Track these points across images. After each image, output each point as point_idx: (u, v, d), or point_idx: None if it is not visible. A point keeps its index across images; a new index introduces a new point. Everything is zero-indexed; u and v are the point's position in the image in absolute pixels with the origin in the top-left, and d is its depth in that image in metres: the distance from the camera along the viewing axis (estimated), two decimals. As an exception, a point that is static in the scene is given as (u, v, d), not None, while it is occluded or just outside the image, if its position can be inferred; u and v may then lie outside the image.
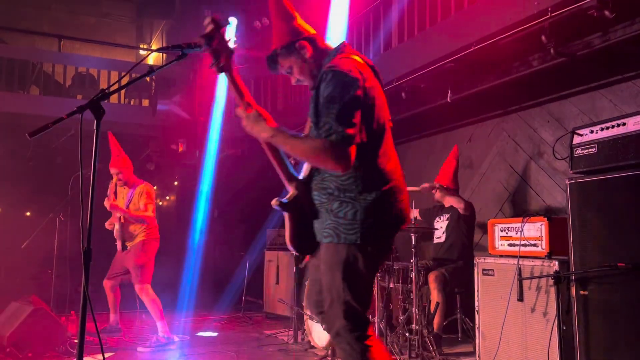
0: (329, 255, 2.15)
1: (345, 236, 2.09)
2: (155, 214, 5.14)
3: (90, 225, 2.02)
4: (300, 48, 2.20)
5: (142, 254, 4.94)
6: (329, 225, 2.13)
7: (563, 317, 3.10)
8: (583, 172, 3.11)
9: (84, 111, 2.02)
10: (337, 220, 2.10)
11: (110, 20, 12.58)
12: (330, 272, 2.13)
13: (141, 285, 4.87)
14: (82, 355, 1.98)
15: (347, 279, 2.08)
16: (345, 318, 2.07)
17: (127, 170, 5.16)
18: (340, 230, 2.10)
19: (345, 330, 2.07)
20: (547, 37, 3.77)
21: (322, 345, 4.62)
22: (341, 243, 2.10)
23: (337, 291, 2.09)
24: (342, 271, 2.09)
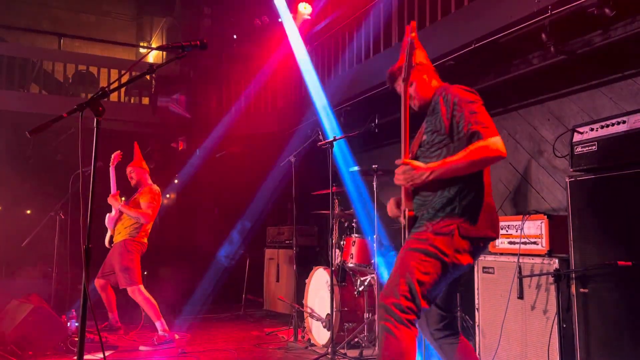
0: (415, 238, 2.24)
1: (442, 226, 2.20)
2: (152, 219, 5.14)
3: (90, 224, 2.03)
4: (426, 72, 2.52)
5: (126, 254, 4.92)
6: (426, 217, 2.27)
7: (563, 315, 3.10)
8: (583, 170, 3.11)
9: (84, 109, 2.03)
10: (435, 213, 2.25)
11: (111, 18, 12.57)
12: (411, 253, 2.20)
13: (132, 287, 4.85)
14: (82, 353, 1.98)
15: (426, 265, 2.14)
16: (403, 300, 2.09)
17: (140, 170, 5.23)
18: (437, 220, 2.23)
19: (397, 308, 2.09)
20: (548, 35, 3.77)
21: (322, 343, 4.63)
22: (437, 233, 2.19)
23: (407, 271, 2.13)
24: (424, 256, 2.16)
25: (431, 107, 2.45)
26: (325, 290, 4.64)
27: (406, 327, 2.07)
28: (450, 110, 2.29)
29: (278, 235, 7.01)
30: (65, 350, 4.38)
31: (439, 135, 2.32)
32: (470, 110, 2.25)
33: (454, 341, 2.33)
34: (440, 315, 2.36)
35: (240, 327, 5.98)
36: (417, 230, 2.28)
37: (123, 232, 5.03)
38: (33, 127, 1.99)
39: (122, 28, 12.79)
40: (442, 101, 2.35)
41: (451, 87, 2.38)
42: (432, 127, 2.38)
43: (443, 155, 2.29)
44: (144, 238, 5.08)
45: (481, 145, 2.17)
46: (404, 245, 2.28)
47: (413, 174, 2.23)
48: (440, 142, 2.32)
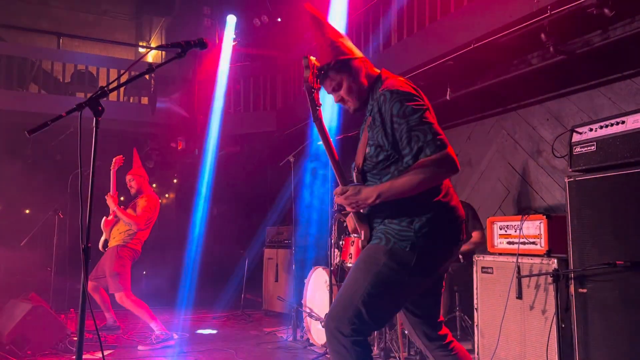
0: (367, 254, 2.06)
1: (395, 240, 2.01)
2: (149, 227, 5.12)
3: (89, 223, 2.02)
4: (357, 68, 2.14)
5: (117, 260, 4.90)
6: (381, 230, 2.07)
7: (562, 315, 3.11)
8: (582, 170, 3.11)
9: (83, 109, 2.02)
10: (390, 226, 2.04)
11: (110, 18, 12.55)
12: (362, 271, 2.02)
13: (119, 294, 4.83)
14: (81, 353, 1.98)
15: (376, 287, 1.98)
16: (351, 323, 1.96)
17: (139, 179, 5.24)
18: (391, 234, 2.02)
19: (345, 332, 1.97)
20: (547, 35, 3.77)
21: (321, 343, 4.63)
22: (388, 246, 2.01)
23: (357, 294, 1.97)
24: (375, 275, 1.98)
25: (369, 111, 2.14)
26: (324, 290, 4.64)
27: (357, 349, 1.95)
28: (389, 122, 2.00)
29: (277, 235, 7.01)
30: (63, 349, 4.37)
31: (383, 151, 2.05)
32: (412, 122, 1.95)
33: (449, 353, 2.20)
34: (428, 326, 2.23)
35: (239, 326, 5.98)
36: (371, 243, 2.09)
37: (117, 238, 5.03)
38: (32, 127, 1.99)
39: (121, 27, 12.78)
40: (379, 110, 2.04)
41: (389, 89, 2.03)
42: (373, 141, 2.08)
43: (391, 172, 2.05)
44: (137, 245, 5.07)
45: (430, 162, 1.92)
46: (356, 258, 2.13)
47: (358, 198, 2.02)
48: (386, 159, 2.06)
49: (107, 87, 2.11)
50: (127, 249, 4.98)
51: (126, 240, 5.00)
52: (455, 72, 4.72)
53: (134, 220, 4.97)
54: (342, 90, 2.16)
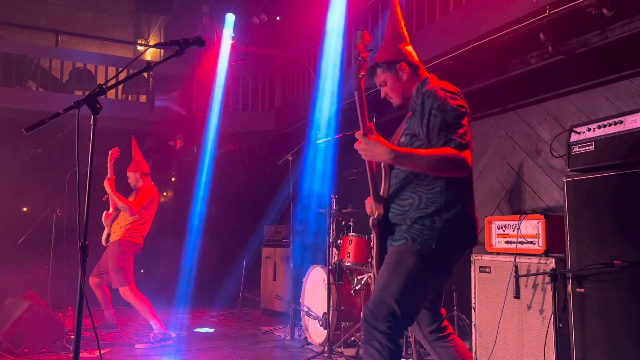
0: (396, 255, 2.19)
1: (420, 240, 2.15)
2: (149, 220, 5.12)
3: (87, 221, 2.02)
4: (400, 69, 2.35)
5: (120, 255, 4.91)
6: (405, 230, 2.20)
7: (559, 315, 3.11)
8: (580, 170, 3.11)
9: (80, 107, 2.02)
10: (413, 226, 2.18)
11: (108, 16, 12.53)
12: (394, 271, 2.15)
13: (123, 288, 4.84)
14: (78, 351, 1.98)
15: (407, 286, 2.11)
16: (387, 321, 2.08)
17: (132, 178, 5.25)
18: (416, 234, 2.16)
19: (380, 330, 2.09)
20: (545, 35, 3.77)
21: (318, 342, 4.63)
22: (414, 245, 2.15)
23: (391, 294, 2.10)
24: (405, 275, 2.12)
25: (411, 108, 2.33)
26: (322, 289, 4.64)
27: (391, 347, 2.08)
28: (427, 113, 2.18)
29: (275, 233, 7.00)
30: (61, 347, 4.37)
31: (417, 141, 2.24)
32: (449, 118, 2.15)
33: (447, 344, 2.31)
34: (431, 317, 2.35)
35: (237, 325, 5.98)
36: (397, 244, 2.23)
37: (118, 232, 5.03)
38: (30, 124, 1.99)
39: (119, 25, 12.75)
40: (422, 103, 2.23)
41: (434, 88, 2.24)
42: (410, 130, 2.29)
43: None
44: (139, 239, 5.06)
45: (450, 153, 2.10)
46: (386, 259, 2.24)
47: (375, 149, 2.14)
48: (420, 147, 2.22)
49: (105, 84, 2.11)
50: (128, 243, 4.98)
51: (127, 234, 5.00)
52: (454, 71, 4.72)
53: (128, 204, 4.95)
54: (387, 86, 2.39)
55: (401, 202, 2.25)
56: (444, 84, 2.28)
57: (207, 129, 7.96)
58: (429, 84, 2.30)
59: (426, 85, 2.30)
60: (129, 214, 4.98)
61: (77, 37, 10.62)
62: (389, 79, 2.37)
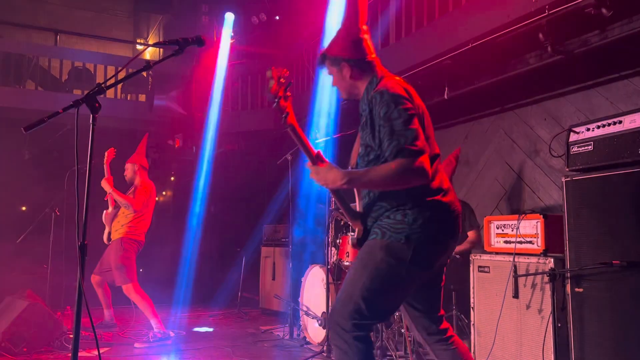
0: (365, 250, 2.13)
1: (390, 234, 2.07)
2: (149, 215, 5.11)
3: (85, 220, 2.02)
4: (342, 67, 2.28)
5: (122, 252, 4.91)
6: (376, 225, 2.14)
7: (558, 314, 3.11)
8: (579, 169, 3.12)
9: (79, 106, 2.02)
10: (384, 221, 2.11)
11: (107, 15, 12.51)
12: (361, 266, 2.08)
13: (126, 285, 4.85)
14: (77, 350, 1.98)
15: (374, 281, 2.03)
16: (352, 319, 2.01)
17: (129, 171, 5.24)
18: (386, 228, 2.09)
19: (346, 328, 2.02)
20: (545, 34, 3.77)
21: (317, 341, 4.63)
22: (383, 240, 2.07)
23: (357, 290, 2.03)
24: (373, 270, 2.05)
25: (362, 114, 2.24)
26: (321, 289, 4.64)
27: (358, 344, 2.00)
28: (377, 124, 2.10)
29: (274, 233, 7.00)
30: (59, 346, 4.37)
31: (373, 151, 2.15)
32: (397, 125, 2.02)
33: (448, 347, 2.25)
34: (429, 320, 2.27)
35: (236, 324, 5.98)
36: (369, 239, 2.16)
37: (120, 230, 5.03)
38: (29, 124, 1.99)
39: (118, 25, 12.73)
40: (370, 112, 2.14)
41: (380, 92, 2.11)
42: (364, 141, 2.21)
43: None
44: (140, 236, 5.07)
45: (404, 165, 1.98)
46: (357, 255, 2.19)
47: (326, 177, 2.11)
48: (376, 158, 2.14)
49: (104, 84, 2.11)
50: (130, 240, 4.99)
51: (128, 231, 5.00)
52: (453, 71, 4.72)
53: (130, 201, 4.96)
54: (334, 80, 2.36)
55: (375, 211, 2.18)
56: (392, 85, 2.14)
57: (207, 128, 7.95)
58: (378, 85, 2.18)
59: (374, 88, 2.18)
60: (132, 211, 4.98)
61: (76, 37, 10.59)
62: (334, 73, 2.33)
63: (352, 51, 2.27)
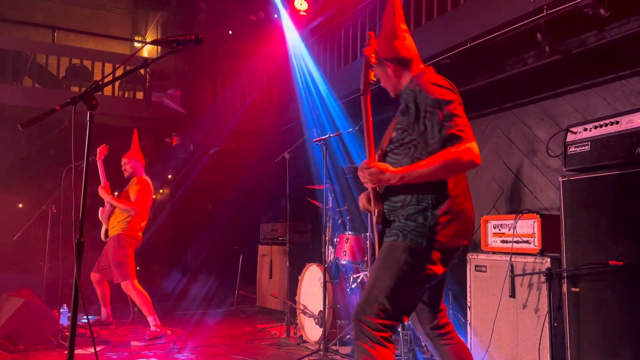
0: (388, 251, 2.18)
1: (412, 237, 2.13)
2: (146, 212, 5.10)
3: (82, 218, 2.02)
4: (386, 67, 2.36)
5: (120, 249, 4.90)
6: (397, 226, 2.18)
7: (554, 314, 3.12)
8: (576, 169, 3.12)
9: (77, 103, 2.02)
10: (406, 222, 2.16)
11: (105, 12, 12.46)
12: (385, 267, 2.14)
13: (125, 282, 4.83)
14: (73, 348, 1.98)
15: (398, 283, 2.10)
16: (378, 318, 2.08)
17: (134, 162, 5.22)
18: (408, 230, 2.14)
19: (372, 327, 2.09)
20: (543, 34, 3.78)
21: (314, 340, 4.63)
22: (405, 242, 2.13)
23: (382, 290, 2.10)
24: (396, 272, 2.11)
25: (403, 103, 2.31)
26: (318, 287, 4.64)
27: (382, 346, 2.07)
28: (423, 111, 2.14)
29: (271, 231, 7.01)
30: (56, 344, 4.36)
31: (409, 135, 2.21)
32: (445, 112, 2.10)
33: (449, 342, 2.31)
34: (432, 314, 2.34)
35: (233, 323, 5.98)
36: (389, 240, 2.21)
37: (117, 227, 5.02)
38: (26, 120, 1.98)
39: (116, 22, 12.69)
40: (414, 100, 2.19)
41: (425, 83, 2.20)
42: (402, 125, 2.26)
43: (411, 154, 2.19)
44: (138, 232, 5.06)
45: (454, 152, 2.04)
46: (378, 255, 2.23)
47: (380, 177, 2.16)
48: (410, 141, 2.21)
49: (101, 81, 2.10)
50: (128, 237, 4.97)
51: (125, 228, 4.98)
52: (451, 70, 4.73)
53: (131, 206, 4.95)
54: (381, 81, 2.42)
55: (393, 198, 2.23)
56: (437, 79, 2.24)
57: (204, 126, 7.94)
58: (421, 78, 2.26)
59: (417, 81, 2.26)
60: (134, 213, 4.97)
61: (73, 33, 10.56)
62: (380, 74, 2.40)
63: (394, 50, 2.35)
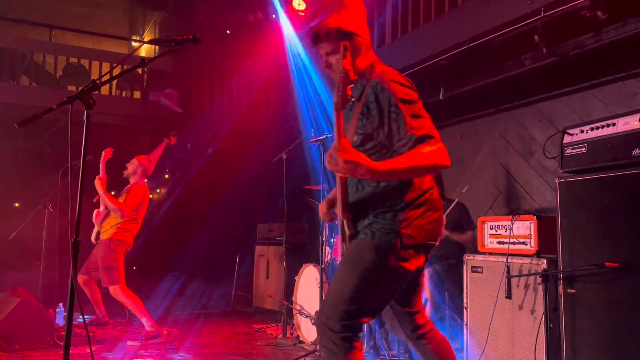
0: (354, 250, 2.07)
1: (380, 234, 2.03)
2: (137, 220, 5.08)
3: (79, 217, 2.01)
4: (358, 46, 2.16)
5: (110, 253, 4.87)
6: (366, 225, 2.08)
7: (550, 315, 3.13)
8: (573, 171, 3.13)
9: (74, 102, 2.01)
10: (375, 220, 2.06)
11: (103, 11, 12.44)
12: (350, 267, 2.04)
13: (113, 286, 4.81)
14: (69, 347, 1.97)
15: (363, 283, 1.99)
16: (340, 319, 1.97)
17: (132, 167, 5.22)
18: (376, 229, 2.04)
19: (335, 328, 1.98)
20: (540, 36, 3.79)
21: (310, 340, 4.64)
22: (373, 240, 2.03)
23: (346, 291, 1.99)
24: (362, 272, 2.00)
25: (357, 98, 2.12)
26: (314, 288, 4.65)
27: (346, 345, 1.96)
28: (387, 112, 2.00)
29: (268, 232, 7.00)
30: (52, 344, 4.35)
31: (371, 141, 2.08)
32: (411, 113, 1.98)
33: (429, 341, 2.24)
34: (410, 315, 2.25)
35: (229, 323, 5.97)
36: (356, 239, 2.10)
37: (109, 230, 5.00)
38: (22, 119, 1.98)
39: (114, 21, 12.67)
40: (375, 99, 2.04)
41: (385, 80, 2.04)
42: (363, 129, 2.09)
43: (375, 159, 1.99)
44: (129, 238, 5.03)
45: (428, 151, 1.92)
46: (344, 254, 2.14)
47: (356, 168, 1.88)
48: (372, 148, 2.08)
49: (98, 80, 2.10)
50: (119, 241, 4.95)
51: (118, 232, 4.96)
52: (449, 71, 4.73)
53: (119, 206, 4.92)
54: (334, 57, 2.14)
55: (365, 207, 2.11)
56: (393, 73, 2.10)
57: (201, 126, 7.93)
58: (379, 73, 2.11)
59: (372, 73, 2.12)
60: (120, 216, 4.93)
61: (71, 32, 10.53)
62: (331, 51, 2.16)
63: (363, 29, 2.18)
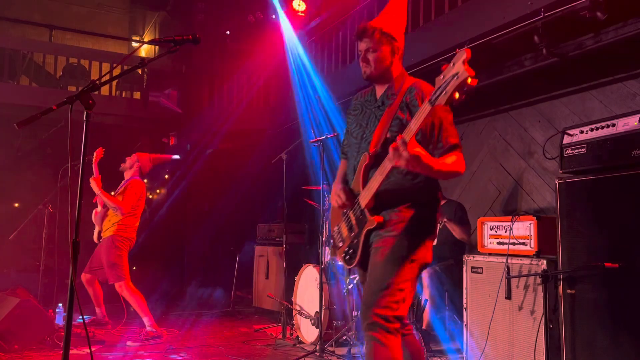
0: (391, 247, 2.20)
1: (407, 230, 2.20)
2: (136, 215, 5.08)
3: (78, 217, 2.01)
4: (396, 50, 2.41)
5: (114, 250, 4.88)
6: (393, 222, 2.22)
7: (550, 316, 3.13)
8: (572, 172, 3.13)
9: (73, 102, 2.01)
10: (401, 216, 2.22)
11: (103, 12, 12.45)
12: (388, 263, 2.17)
13: (119, 283, 4.82)
14: (68, 348, 1.97)
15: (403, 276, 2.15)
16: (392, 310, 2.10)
17: (130, 161, 5.22)
18: (401, 224, 2.20)
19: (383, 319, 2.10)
20: (540, 37, 3.79)
21: (310, 341, 4.63)
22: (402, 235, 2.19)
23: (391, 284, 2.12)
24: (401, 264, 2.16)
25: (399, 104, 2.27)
26: (314, 288, 4.64)
27: (393, 336, 2.09)
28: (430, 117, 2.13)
29: (268, 232, 7.00)
30: (51, 344, 4.34)
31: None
32: (449, 121, 2.20)
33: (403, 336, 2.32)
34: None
35: (229, 323, 5.97)
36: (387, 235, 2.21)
37: (111, 228, 5.00)
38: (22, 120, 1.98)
39: (114, 21, 12.68)
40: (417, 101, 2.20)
41: (424, 89, 2.24)
42: (399, 127, 2.19)
43: None
44: (132, 233, 5.04)
45: (458, 159, 2.16)
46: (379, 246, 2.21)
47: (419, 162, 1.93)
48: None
49: (98, 80, 2.10)
50: (122, 238, 4.95)
51: (120, 229, 4.97)
52: (449, 72, 4.73)
53: (118, 204, 4.92)
54: (374, 54, 2.35)
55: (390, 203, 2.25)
56: (426, 84, 2.30)
57: (201, 126, 7.93)
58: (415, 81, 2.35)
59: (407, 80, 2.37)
60: (120, 213, 4.94)
61: (71, 33, 10.54)
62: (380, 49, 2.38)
63: (402, 39, 2.42)
